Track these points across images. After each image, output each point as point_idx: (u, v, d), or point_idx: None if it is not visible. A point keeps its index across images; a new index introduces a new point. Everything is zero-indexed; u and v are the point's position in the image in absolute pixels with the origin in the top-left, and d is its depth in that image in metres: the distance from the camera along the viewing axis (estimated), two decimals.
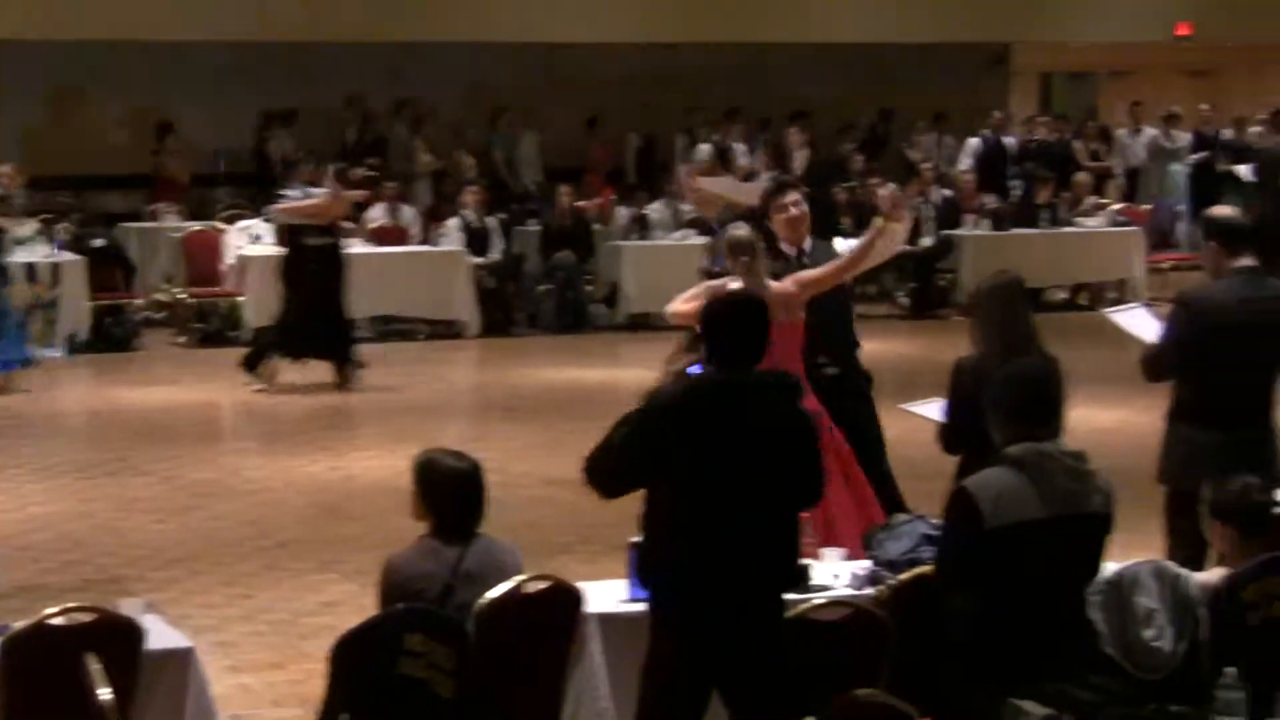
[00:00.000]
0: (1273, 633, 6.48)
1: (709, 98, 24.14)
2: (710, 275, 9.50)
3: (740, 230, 9.13)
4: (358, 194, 17.83)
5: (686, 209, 21.21)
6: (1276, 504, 7.21)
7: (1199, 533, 7.14)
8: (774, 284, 8.88)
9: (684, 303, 8.97)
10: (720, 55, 24.18)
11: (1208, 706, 5.80)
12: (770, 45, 24.04)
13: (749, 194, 15.76)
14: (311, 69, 22.79)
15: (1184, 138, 24.98)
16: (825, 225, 19.98)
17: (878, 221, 9.41)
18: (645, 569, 6.28)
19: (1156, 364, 8.22)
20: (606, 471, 6.27)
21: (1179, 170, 24.66)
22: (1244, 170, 23.28)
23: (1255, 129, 24.76)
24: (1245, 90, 30.72)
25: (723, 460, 6.06)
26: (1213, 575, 6.75)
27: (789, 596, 6.39)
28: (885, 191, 9.73)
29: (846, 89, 25.19)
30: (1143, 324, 8.73)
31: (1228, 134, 25.12)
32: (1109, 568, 6.65)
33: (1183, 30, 26.01)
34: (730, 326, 6.29)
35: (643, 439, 6.18)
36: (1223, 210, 8.48)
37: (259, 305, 17.98)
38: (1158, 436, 8.33)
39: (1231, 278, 8.08)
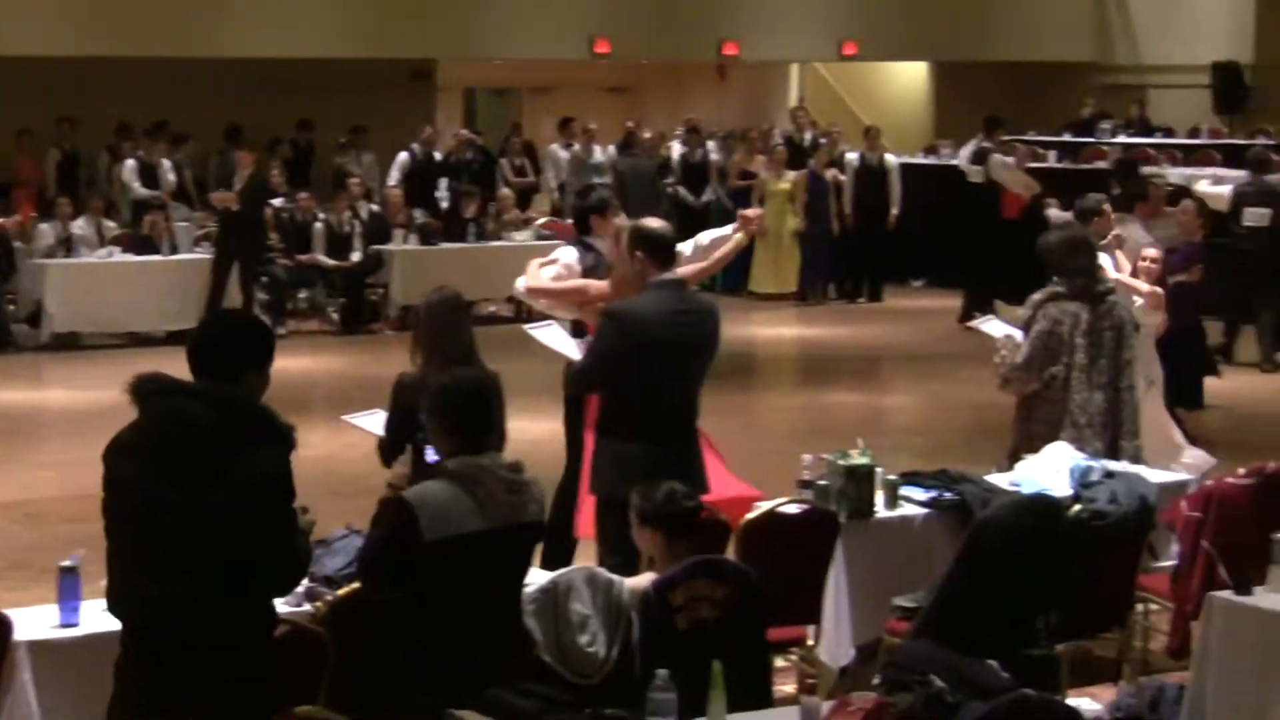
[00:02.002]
0: (700, 634, 6.68)
1: (136, 113, 23.68)
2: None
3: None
4: None
5: (111, 226, 20.72)
6: (701, 509, 7.46)
7: (629, 540, 7.34)
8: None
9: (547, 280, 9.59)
10: (148, 70, 23.73)
11: (641, 709, 5.95)
12: (196, 60, 23.70)
13: None
14: None
15: (606, 153, 25.54)
16: (255, 243, 20.06)
17: (739, 236, 9.85)
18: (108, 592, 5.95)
19: (585, 376, 8.38)
20: None
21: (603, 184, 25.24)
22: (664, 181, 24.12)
23: (673, 143, 25.51)
24: (664, 106, 31.64)
25: (147, 486, 5.70)
26: (642, 580, 6.94)
27: None
28: (752, 212, 9.97)
29: (272, 104, 25.01)
30: (558, 339, 8.89)
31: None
32: (544, 576, 6.79)
33: (602, 48, 26.63)
34: (217, 346, 5.95)
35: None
36: (652, 223, 8.56)
37: None
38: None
39: (657, 290, 8.28)
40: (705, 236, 10.11)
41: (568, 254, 9.86)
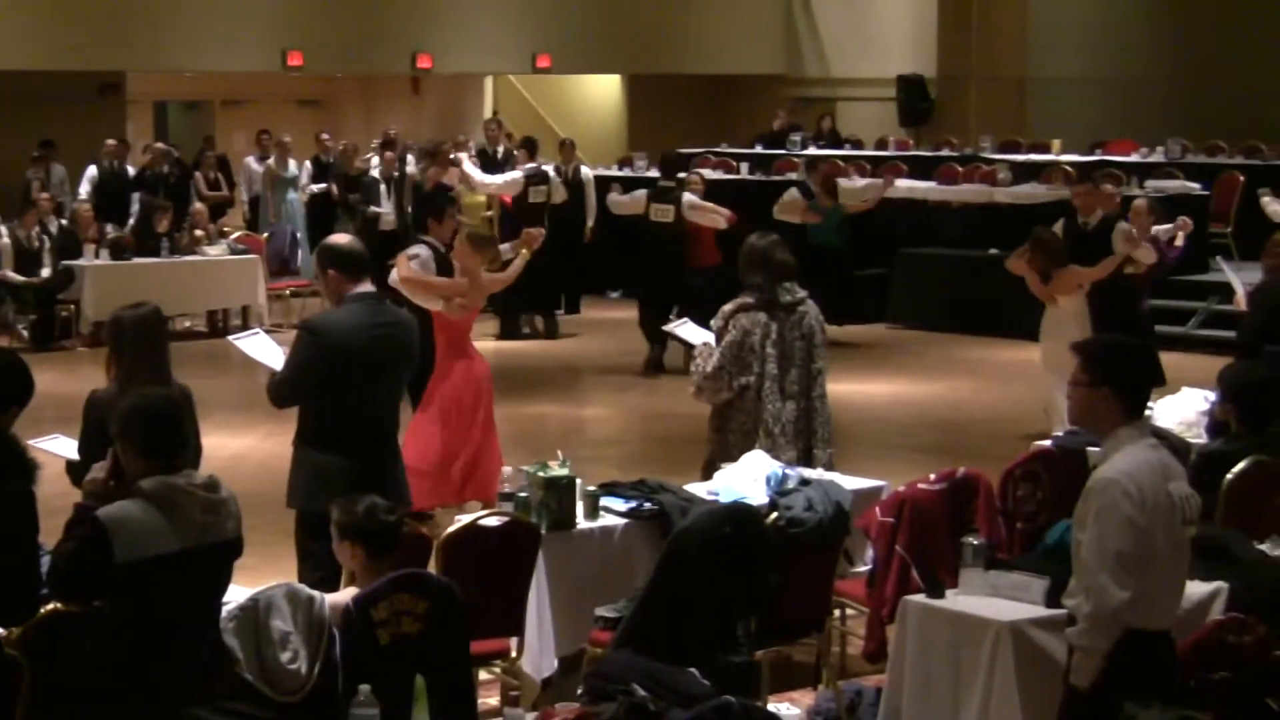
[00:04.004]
0: (402, 649, 6.67)
1: None
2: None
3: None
4: None
5: None
6: (402, 523, 7.44)
7: (331, 554, 7.29)
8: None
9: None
10: None
11: None
12: None
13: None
14: None
15: (299, 166, 25.32)
16: None
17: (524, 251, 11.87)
18: None
19: (283, 389, 8.32)
20: None
21: (295, 198, 25.01)
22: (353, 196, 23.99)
23: (369, 156, 25.33)
24: (359, 119, 31.50)
25: None
26: (344, 595, 6.89)
27: None
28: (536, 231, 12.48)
29: None
30: (265, 350, 8.83)
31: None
32: (244, 592, 6.71)
33: (294, 60, 26.43)
34: None
35: None
36: (340, 238, 8.58)
37: None
38: (284, 460, 8.44)
39: (352, 303, 8.26)
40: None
41: (424, 250, 11.54)
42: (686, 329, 10.60)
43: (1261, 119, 25.49)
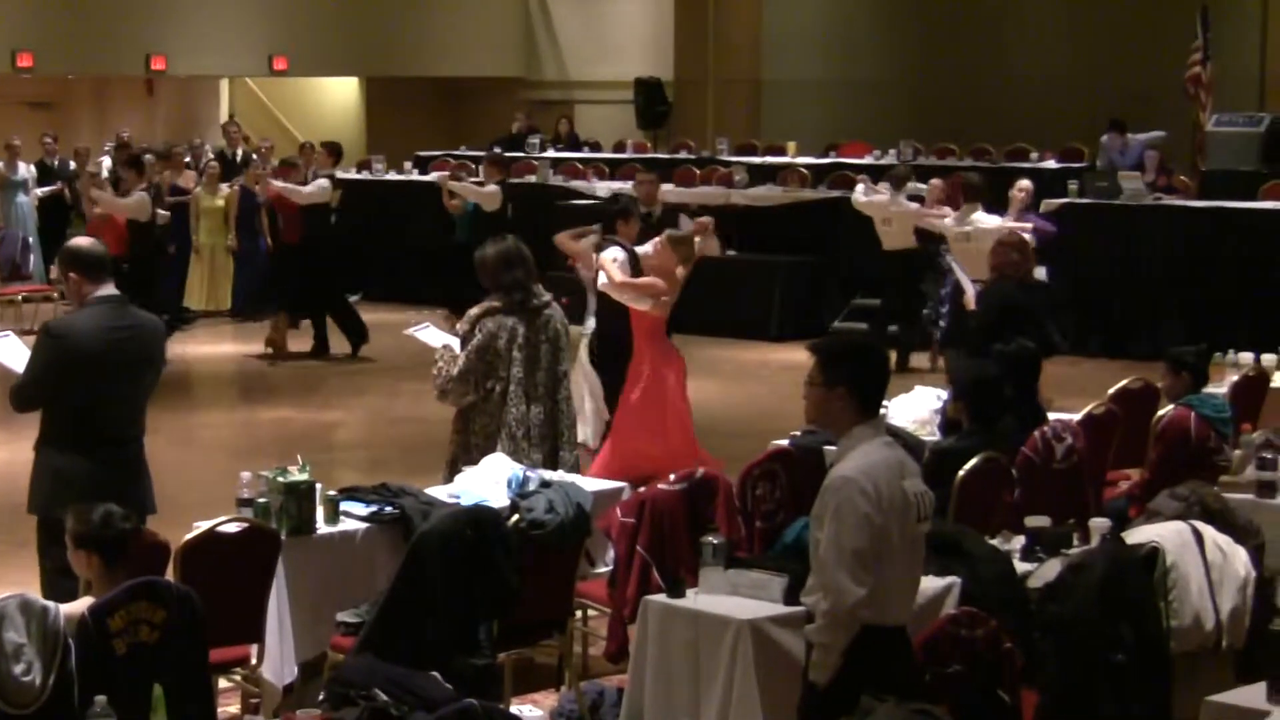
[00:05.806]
0: (140, 658, 6.58)
1: None
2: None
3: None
4: None
5: None
6: (139, 530, 7.34)
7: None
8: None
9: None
10: None
11: None
12: None
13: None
14: None
15: (28, 169, 24.83)
16: None
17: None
18: None
19: (25, 392, 8.20)
20: None
21: (25, 201, 24.53)
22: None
23: (103, 159, 24.92)
24: (91, 121, 30.95)
25: None
26: (79, 605, 6.78)
27: None
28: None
29: None
30: (13, 353, 8.68)
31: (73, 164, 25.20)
32: None
33: (24, 61, 25.92)
34: None
35: None
36: (81, 241, 8.48)
37: None
38: (10, 469, 8.30)
39: (95, 306, 8.16)
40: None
41: (620, 252, 12.28)
42: (427, 332, 10.57)
43: (989, 121, 26.02)
